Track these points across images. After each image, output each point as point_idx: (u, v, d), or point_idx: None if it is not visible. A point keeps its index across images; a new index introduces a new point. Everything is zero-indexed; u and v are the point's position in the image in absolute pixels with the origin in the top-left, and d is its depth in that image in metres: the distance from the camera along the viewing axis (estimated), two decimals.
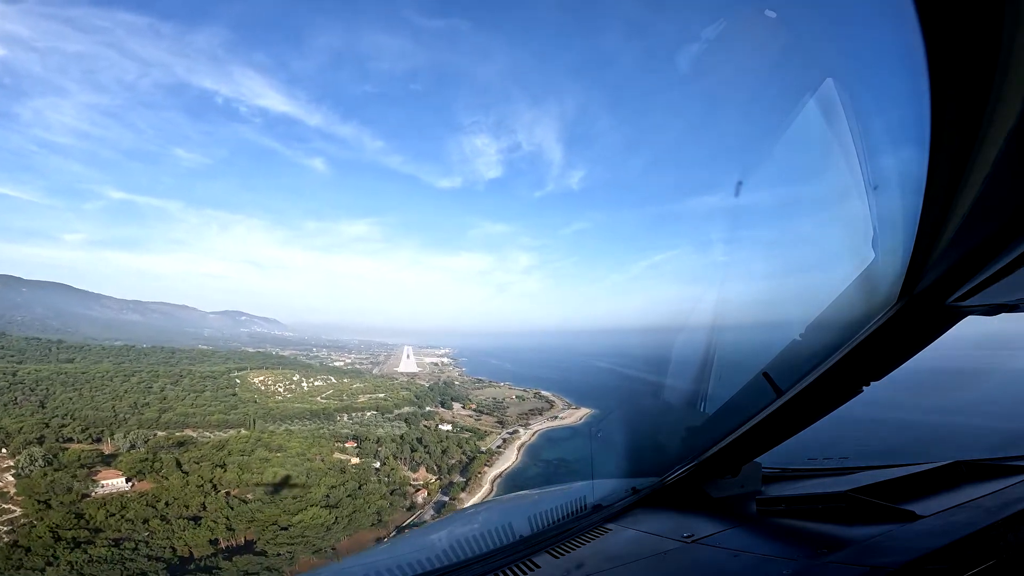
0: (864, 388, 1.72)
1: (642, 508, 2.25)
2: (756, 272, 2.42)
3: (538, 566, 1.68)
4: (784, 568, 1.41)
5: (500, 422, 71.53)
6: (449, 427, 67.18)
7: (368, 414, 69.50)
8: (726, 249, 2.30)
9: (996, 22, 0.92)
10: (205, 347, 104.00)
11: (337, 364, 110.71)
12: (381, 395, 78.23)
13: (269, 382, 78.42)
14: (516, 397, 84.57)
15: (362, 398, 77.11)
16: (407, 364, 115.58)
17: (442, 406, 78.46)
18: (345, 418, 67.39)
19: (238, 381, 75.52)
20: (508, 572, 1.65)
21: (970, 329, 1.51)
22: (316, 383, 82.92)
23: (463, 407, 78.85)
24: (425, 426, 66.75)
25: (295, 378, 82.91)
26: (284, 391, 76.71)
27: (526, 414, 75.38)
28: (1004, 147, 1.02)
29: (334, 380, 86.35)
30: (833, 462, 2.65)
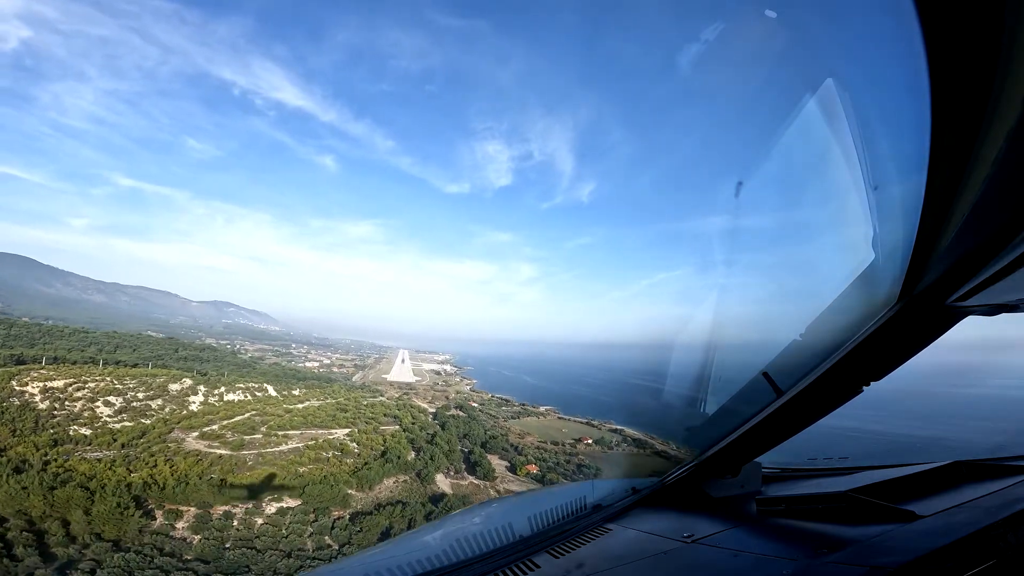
0: (864, 388, 1.72)
1: (642, 508, 2.25)
2: (758, 272, 2.42)
3: (538, 566, 1.68)
4: (784, 568, 1.41)
5: None
6: None
7: (282, 516, 27.17)
8: (731, 249, 2.30)
9: (996, 22, 0.92)
10: (154, 333, 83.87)
11: (310, 365, 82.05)
12: (340, 434, 38.43)
13: (84, 395, 37.73)
14: (593, 441, 45.30)
15: (288, 445, 35.75)
16: (401, 371, 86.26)
17: (471, 470, 37.49)
18: None
19: None
20: (508, 572, 1.65)
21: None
22: (230, 396, 43.97)
23: (511, 467, 39.00)
24: None
25: (177, 387, 42.78)
26: (112, 415, 37.27)
27: None
28: (1004, 147, 1.02)
29: (273, 393, 47.12)
30: (833, 462, 2.65)
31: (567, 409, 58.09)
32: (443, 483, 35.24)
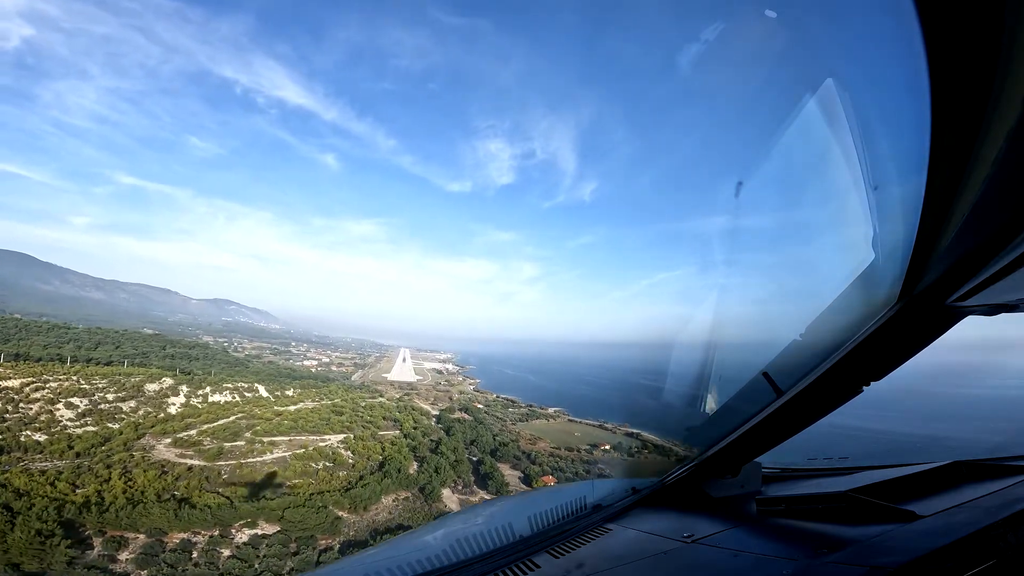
0: (864, 388, 1.72)
1: (642, 508, 2.25)
2: (758, 272, 2.43)
3: (538, 566, 1.68)
4: (784, 568, 1.41)
5: None
6: None
7: None
8: (731, 249, 2.31)
9: (996, 22, 0.93)
10: (149, 330, 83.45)
11: (308, 363, 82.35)
12: (334, 440, 35.45)
13: (43, 395, 32.63)
14: (611, 447, 42.08)
15: (273, 454, 31.74)
16: (402, 370, 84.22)
17: (481, 484, 33.14)
18: None
19: None
20: (508, 572, 1.65)
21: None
22: (215, 398, 40.26)
23: (525, 478, 35.00)
24: None
25: (155, 387, 38.45)
26: (74, 418, 32.01)
27: None
28: (1004, 147, 1.02)
29: (264, 393, 43.49)
30: (833, 462, 2.65)
31: (573, 409, 54.04)
32: (450, 500, 30.13)
